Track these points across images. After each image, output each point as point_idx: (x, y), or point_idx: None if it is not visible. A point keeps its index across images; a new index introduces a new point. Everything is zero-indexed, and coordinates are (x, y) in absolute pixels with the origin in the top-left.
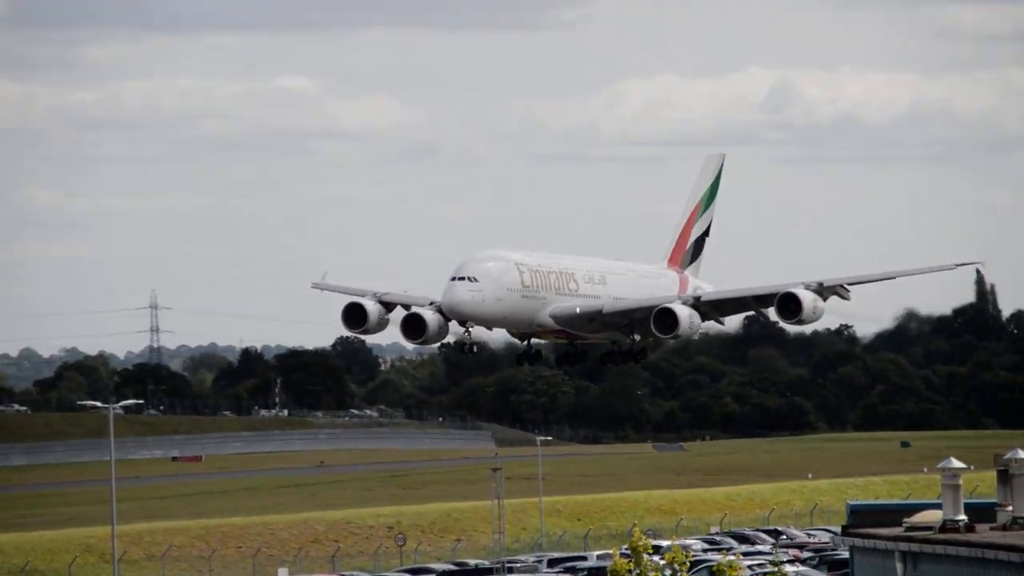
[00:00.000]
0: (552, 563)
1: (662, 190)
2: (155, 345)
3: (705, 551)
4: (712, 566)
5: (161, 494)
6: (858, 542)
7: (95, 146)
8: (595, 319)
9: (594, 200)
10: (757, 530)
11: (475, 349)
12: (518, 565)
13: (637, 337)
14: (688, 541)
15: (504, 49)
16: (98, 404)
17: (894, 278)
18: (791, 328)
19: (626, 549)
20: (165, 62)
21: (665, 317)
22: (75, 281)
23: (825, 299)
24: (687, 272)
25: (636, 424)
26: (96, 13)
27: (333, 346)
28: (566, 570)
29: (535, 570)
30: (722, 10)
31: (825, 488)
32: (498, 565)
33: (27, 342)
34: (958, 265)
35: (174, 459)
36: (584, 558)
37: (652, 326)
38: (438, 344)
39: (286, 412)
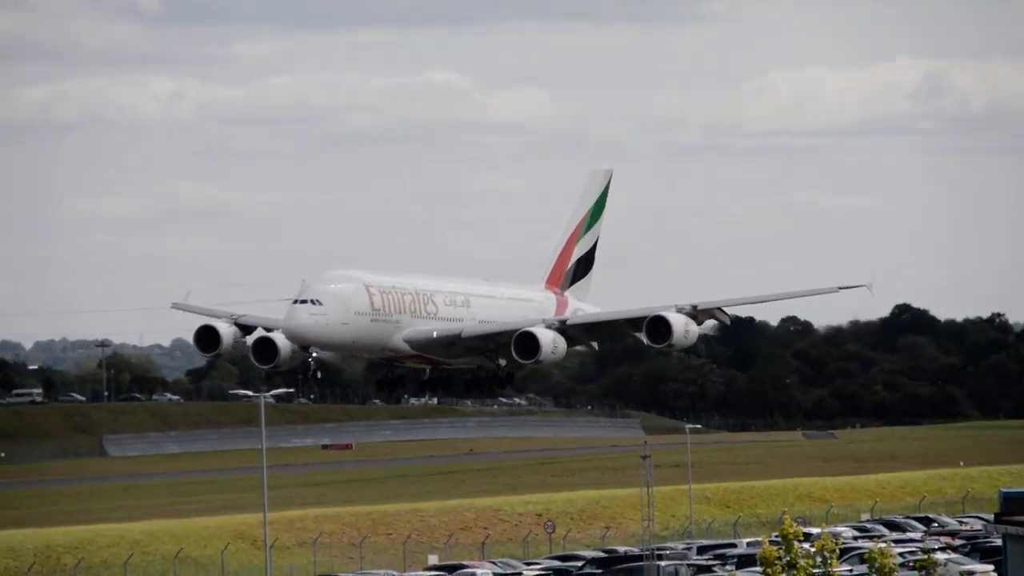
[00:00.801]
0: (701, 550)
1: (805, 180)
2: None
3: (856, 539)
4: (863, 553)
5: (312, 482)
6: (1011, 530)
7: (243, 140)
8: (455, 344)
9: (739, 191)
10: (908, 517)
11: (319, 375)
12: (667, 552)
13: (503, 362)
14: (838, 528)
15: (651, 41)
16: (249, 393)
17: (768, 301)
18: (662, 351)
19: (776, 536)
20: (312, 57)
21: (526, 341)
22: (224, 273)
23: (700, 322)
24: (568, 294)
25: (785, 412)
26: (245, 11)
27: None
28: (716, 557)
29: (684, 557)
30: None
31: (977, 476)
32: (647, 552)
33: (180, 333)
34: (841, 288)
35: (325, 447)
36: (734, 545)
37: (512, 350)
38: (291, 370)
39: (435, 400)
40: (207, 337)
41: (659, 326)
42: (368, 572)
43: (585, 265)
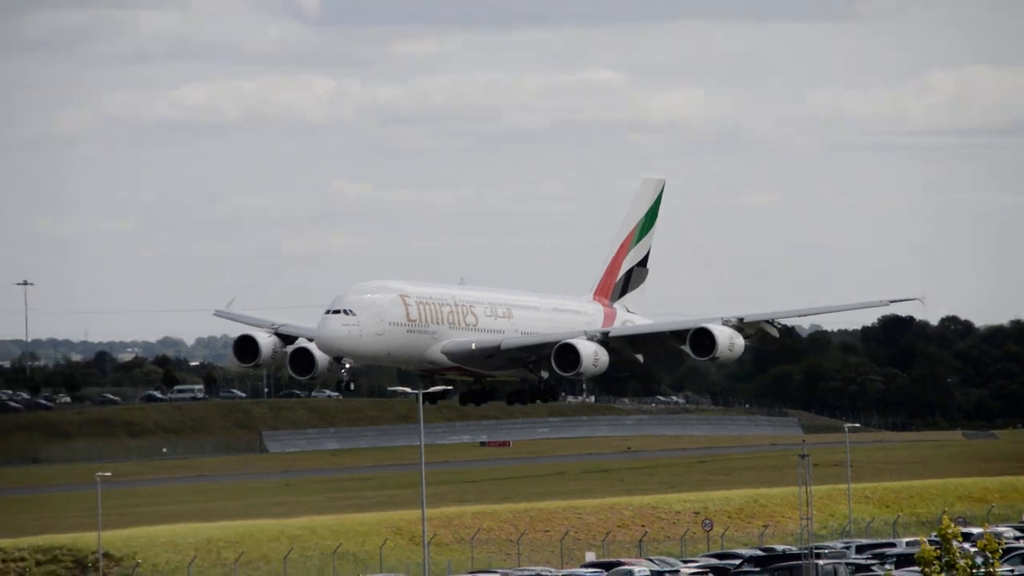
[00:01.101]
0: (860, 549)
1: (969, 179)
2: None
3: (1017, 539)
4: None
5: (470, 478)
6: None
7: (403, 140)
8: (494, 356)
9: (900, 190)
10: None
11: (351, 387)
12: (826, 551)
13: (545, 374)
14: (1000, 529)
15: (810, 40)
16: (407, 390)
17: (816, 314)
18: (706, 364)
19: (935, 536)
20: (471, 57)
21: (567, 353)
22: (383, 271)
23: (748, 335)
24: (617, 305)
25: (945, 412)
26: (404, 11)
27: None
28: (874, 556)
29: (843, 556)
30: None
31: None
32: (805, 551)
33: None
34: (892, 302)
35: (483, 444)
36: (893, 544)
37: (553, 363)
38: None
39: (593, 398)
40: (246, 347)
41: (703, 338)
42: (524, 569)
43: (636, 276)
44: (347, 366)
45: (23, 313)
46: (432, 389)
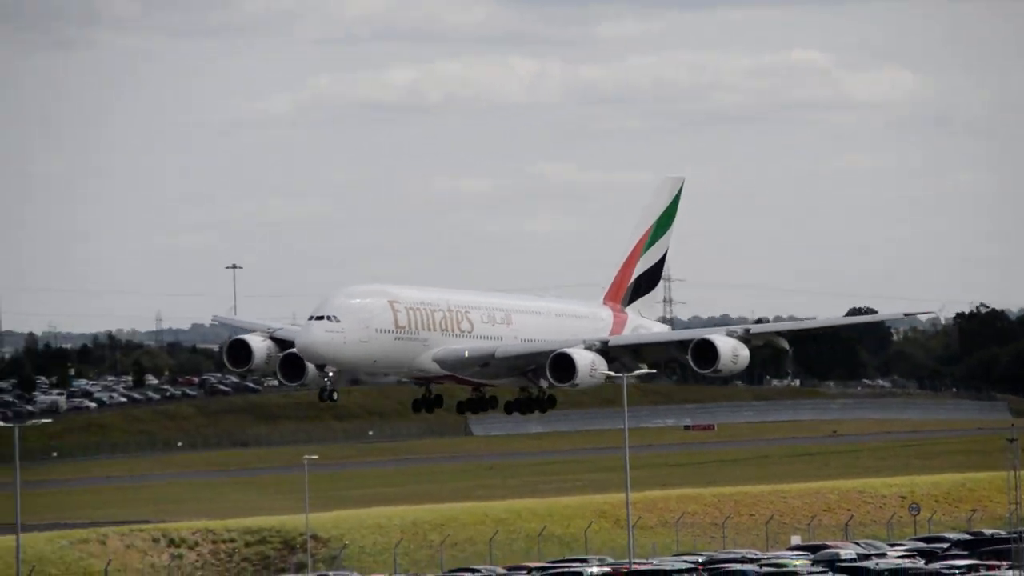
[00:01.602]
0: None
1: None
2: (668, 316)
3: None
4: None
5: (674, 462)
6: None
7: (605, 120)
8: (489, 364)
9: None
10: None
11: (335, 397)
12: None
13: (545, 384)
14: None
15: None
16: (612, 374)
17: (825, 327)
18: (709, 377)
19: None
20: (675, 37)
21: (562, 363)
22: (586, 253)
23: (755, 347)
24: (630, 310)
25: None
26: None
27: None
28: None
29: None
30: None
31: None
32: (1014, 535)
33: None
34: (907, 315)
35: (687, 428)
36: None
37: (548, 372)
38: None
39: (798, 382)
40: (239, 351)
41: (705, 350)
42: (730, 551)
43: (650, 279)
44: (330, 374)
45: (232, 298)
46: (637, 372)
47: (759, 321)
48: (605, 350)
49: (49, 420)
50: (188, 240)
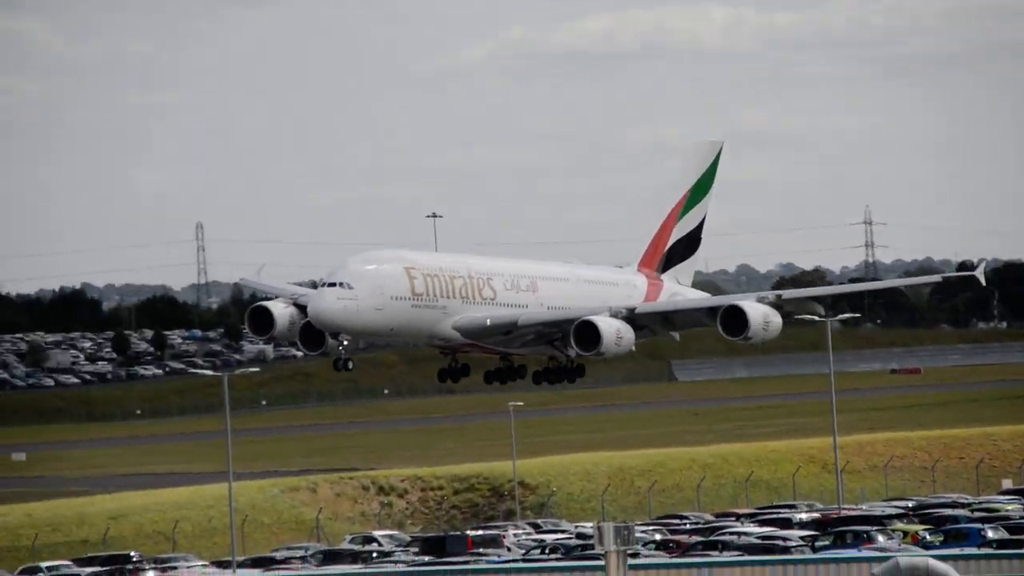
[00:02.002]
0: None
1: None
2: (870, 260)
3: None
4: None
5: (880, 406)
6: None
7: (804, 64)
8: (511, 332)
9: None
10: None
11: (350, 366)
12: None
13: (573, 353)
14: None
15: None
16: (815, 318)
17: (861, 291)
18: (739, 344)
19: None
20: None
21: (586, 331)
22: (790, 199)
23: (787, 313)
24: (666, 277)
25: None
26: None
27: None
28: None
29: None
30: None
31: None
32: None
33: (744, 259)
34: (945, 277)
35: (893, 371)
36: None
37: (572, 341)
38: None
39: (1004, 324)
40: (260, 318)
41: (736, 317)
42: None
43: (688, 245)
44: (344, 343)
45: (433, 245)
46: (842, 316)
47: (962, 266)
48: (632, 318)
49: (257, 369)
50: (388, 189)
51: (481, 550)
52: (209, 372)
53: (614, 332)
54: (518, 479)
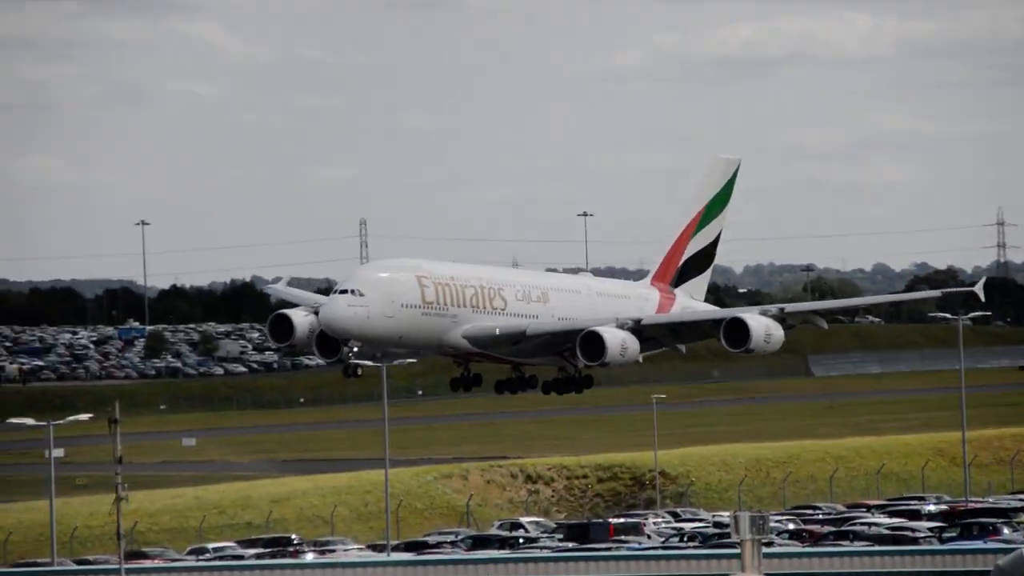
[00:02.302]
0: None
1: None
2: (1002, 260)
3: None
4: None
5: (1009, 401)
6: None
7: (938, 72)
8: (520, 342)
9: None
10: None
11: (359, 372)
12: None
13: (581, 363)
14: None
15: None
16: (947, 316)
17: (861, 305)
18: (741, 355)
19: None
20: None
21: (592, 341)
22: (923, 201)
23: (790, 326)
24: (679, 291)
25: None
26: None
27: None
28: None
29: None
30: None
31: None
32: None
33: (881, 258)
34: (944, 292)
35: (1021, 368)
36: None
37: (578, 351)
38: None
39: None
40: (280, 326)
41: (738, 329)
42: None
43: (703, 260)
44: (355, 349)
45: (584, 243)
46: (973, 315)
47: None
48: (638, 329)
49: (413, 360)
50: (543, 189)
51: (622, 537)
52: (369, 363)
53: (619, 343)
54: (659, 469)
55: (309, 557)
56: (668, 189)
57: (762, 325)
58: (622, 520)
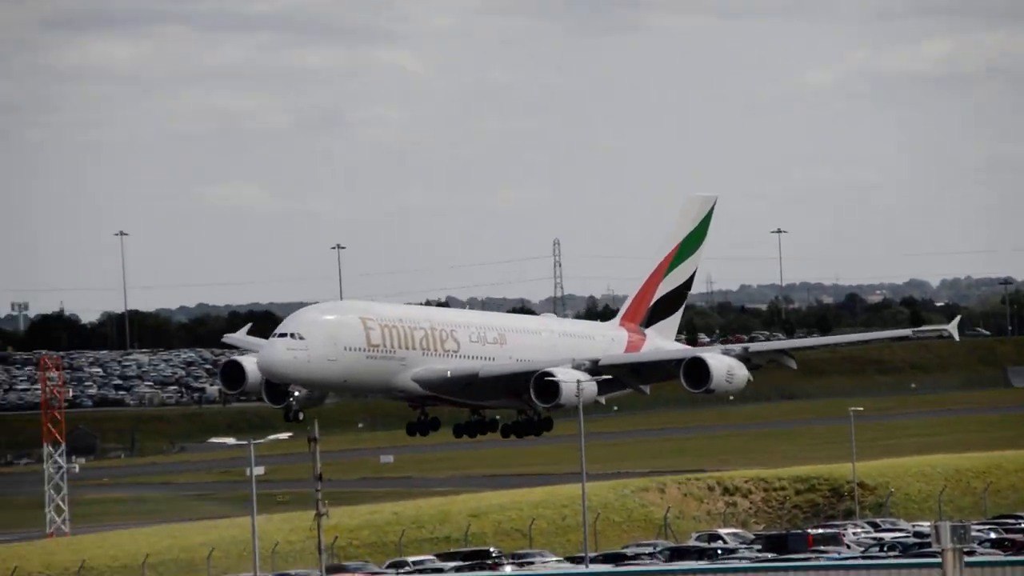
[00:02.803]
0: None
1: None
2: None
3: None
4: None
5: None
6: None
7: None
8: (473, 384)
9: None
10: None
11: (300, 417)
12: None
13: (539, 406)
14: None
15: None
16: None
17: (832, 345)
18: (702, 395)
19: None
20: None
21: (545, 383)
22: None
23: (754, 366)
24: (650, 331)
25: None
26: None
27: None
28: None
29: None
30: None
31: None
32: None
33: None
34: (916, 332)
35: None
36: None
37: (532, 393)
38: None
39: None
40: (233, 373)
41: (696, 369)
42: None
43: (675, 300)
44: (296, 394)
45: (778, 260)
46: None
47: None
48: (596, 369)
49: (609, 377)
50: (736, 206)
51: (821, 547)
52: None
53: (573, 384)
54: (857, 480)
55: (508, 570)
56: (861, 205)
57: (724, 365)
58: (820, 531)
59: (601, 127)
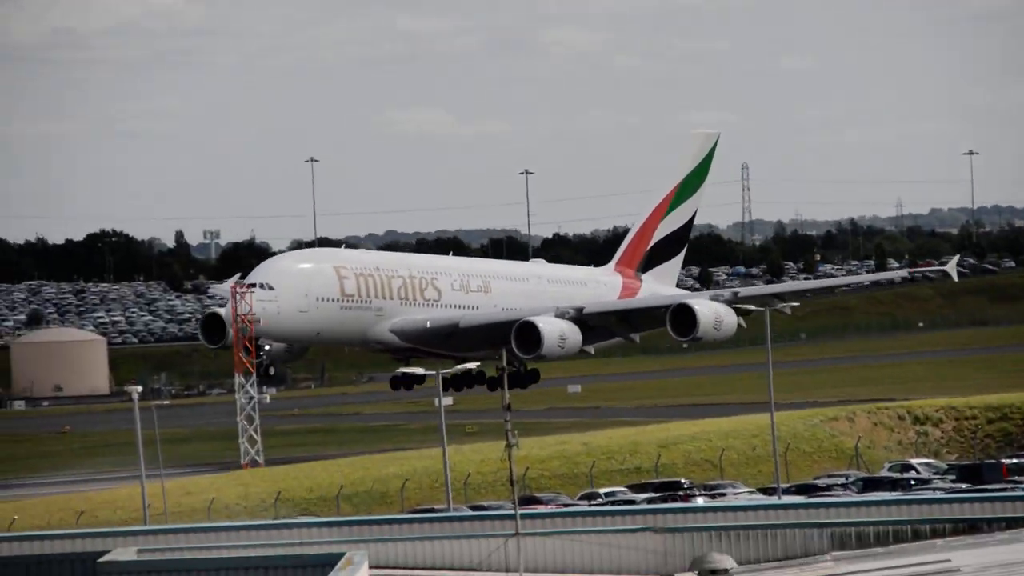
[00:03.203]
0: None
1: None
2: None
3: None
4: None
5: None
6: None
7: None
8: (453, 335)
9: None
10: None
11: (272, 371)
12: None
13: (523, 356)
14: None
15: None
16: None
17: (828, 287)
18: (689, 344)
19: None
20: None
21: (527, 333)
22: None
23: (745, 313)
24: (647, 276)
25: None
26: None
27: None
28: None
29: None
30: None
31: None
32: None
33: None
34: (912, 272)
35: None
36: None
37: (513, 343)
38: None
39: None
40: (213, 325)
41: (685, 316)
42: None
43: (675, 244)
44: (267, 348)
45: (969, 183)
46: None
47: None
48: (581, 318)
49: (796, 304)
50: (925, 128)
51: (1016, 477)
52: (752, 307)
53: (556, 333)
54: None
55: (699, 501)
56: None
57: (711, 311)
58: (1015, 460)
59: (790, 48)
